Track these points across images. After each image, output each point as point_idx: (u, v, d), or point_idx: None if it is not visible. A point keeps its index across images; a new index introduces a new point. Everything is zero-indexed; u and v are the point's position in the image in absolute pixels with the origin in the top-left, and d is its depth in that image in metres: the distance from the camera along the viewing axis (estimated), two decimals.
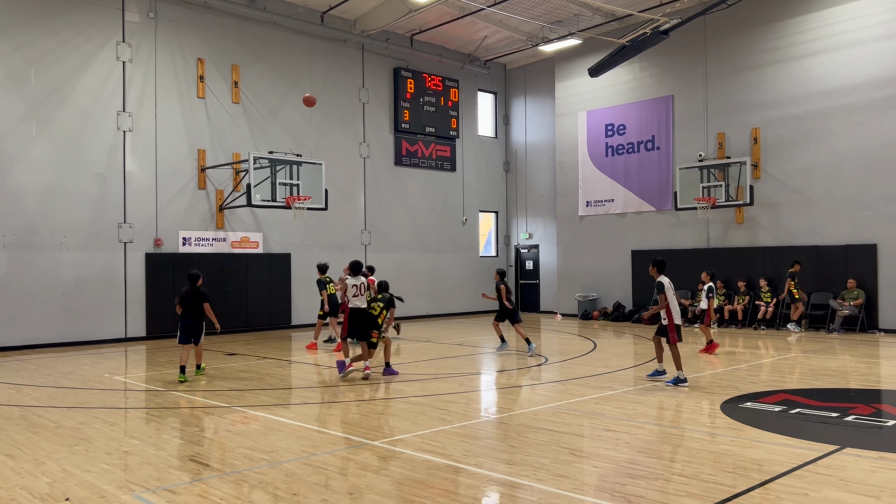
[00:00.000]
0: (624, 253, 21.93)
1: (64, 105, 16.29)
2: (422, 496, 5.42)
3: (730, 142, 19.52)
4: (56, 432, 7.72)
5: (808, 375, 10.93)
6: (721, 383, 10.21)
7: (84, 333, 16.40)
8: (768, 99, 18.78)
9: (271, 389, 10.30)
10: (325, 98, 20.91)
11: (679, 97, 20.69)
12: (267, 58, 19.69)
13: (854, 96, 17.30)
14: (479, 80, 25.38)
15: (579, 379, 10.79)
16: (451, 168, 24.28)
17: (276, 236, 19.78)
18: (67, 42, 16.38)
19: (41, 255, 15.90)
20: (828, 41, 17.76)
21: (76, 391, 10.32)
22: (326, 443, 7.12)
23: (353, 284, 11.14)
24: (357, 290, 11.10)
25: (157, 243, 17.54)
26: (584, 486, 5.73)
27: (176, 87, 18.03)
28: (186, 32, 18.22)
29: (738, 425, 7.63)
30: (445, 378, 11.12)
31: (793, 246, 18.26)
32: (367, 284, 11.29)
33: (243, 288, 18.93)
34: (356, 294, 11.08)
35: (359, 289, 11.10)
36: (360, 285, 11.14)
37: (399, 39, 22.61)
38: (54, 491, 5.69)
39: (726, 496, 5.30)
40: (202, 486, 5.79)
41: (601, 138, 22.56)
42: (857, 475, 5.82)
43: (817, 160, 17.91)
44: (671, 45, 19.11)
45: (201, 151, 18.37)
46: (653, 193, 21.28)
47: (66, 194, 16.27)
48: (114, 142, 16.99)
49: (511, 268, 26.09)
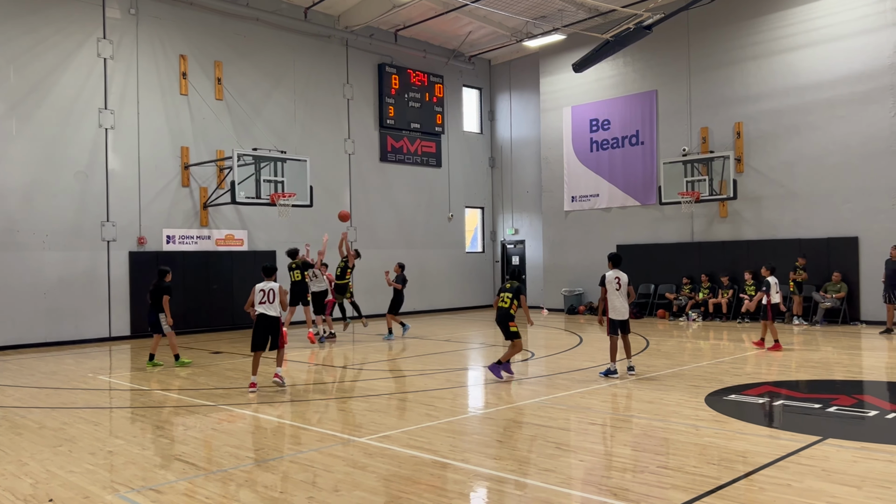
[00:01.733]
0: (609, 247, 21.95)
1: (44, 102, 16.11)
2: (408, 492, 5.43)
3: (713, 136, 19.64)
4: (39, 433, 7.65)
5: (792, 367, 11.04)
6: (705, 376, 10.29)
7: (67, 333, 16.25)
8: (751, 93, 18.90)
9: (257, 387, 10.25)
10: (309, 94, 20.83)
11: (663, 92, 20.78)
12: (250, 54, 19.57)
13: (835, 90, 17.45)
14: (463, 75, 25.36)
15: (565, 373, 10.84)
16: (436, 164, 24.26)
17: (261, 234, 19.68)
18: (47, 39, 16.19)
19: (23, 255, 15.73)
20: (809, 36, 17.89)
21: (59, 391, 10.23)
22: (313, 440, 7.11)
23: (261, 290, 9.91)
24: (265, 295, 9.90)
25: (141, 241, 17.41)
26: (570, 480, 5.75)
27: (158, 83, 17.88)
28: (168, 29, 18.07)
29: (722, 417, 7.69)
30: (432, 374, 11.13)
31: (776, 239, 18.41)
32: (276, 291, 9.85)
33: (228, 286, 18.83)
34: (262, 301, 9.88)
35: (266, 295, 9.89)
36: (269, 291, 9.90)
37: (383, 35, 22.54)
38: (38, 492, 5.64)
39: (711, 488, 5.35)
40: (188, 485, 5.76)
41: (586, 133, 22.62)
42: (839, 465, 5.89)
43: (799, 154, 18.06)
44: (654, 40, 19.18)
45: (184, 149, 18.23)
46: (637, 188, 21.37)
47: (48, 193, 16.11)
48: (96, 139, 16.83)
49: (497, 263, 26.13)
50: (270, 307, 9.90)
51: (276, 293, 9.89)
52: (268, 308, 9.90)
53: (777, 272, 18.19)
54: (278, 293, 9.89)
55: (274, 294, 9.89)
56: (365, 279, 21.36)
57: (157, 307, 12.33)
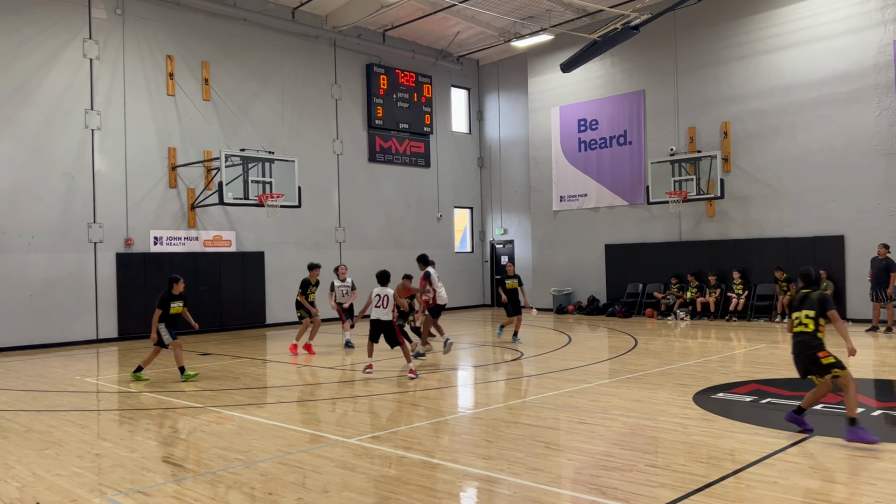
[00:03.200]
0: (597, 247, 22.10)
1: (29, 103, 15.99)
2: (398, 492, 5.43)
3: (700, 136, 19.75)
4: (25, 436, 7.59)
5: (779, 366, 11.11)
6: (693, 374, 10.35)
7: (54, 335, 16.13)
8: (737, 93, 19.02)
9: (246, 389, 10.23)
10: (297, 95, 20.78)
11: (650, 92, 20.87)
12: (237, 54, 19.50)
13: (820, 90, 17.59)
14: (452, 75, 25.37)
15: (554, 373, 10.87)
16: (425, 164, 24.26)
17: (250, 235, 19.61)
18: (31, 39, 16.06)
19: (8, 257, 15.60)
20: (794, 36, 18.03)
21: (46, 394, 10.16)
22: (302, 441, 7.10)
23: (377, 295, 10.76)
24: (380, 300, 10.73)
25: (128, 243, 17.31)
26: (559, 479, 5.77)
27: (145, 84, 17.78)
28: (155, 29, 17.97)
29: (710, 416, 7.74)
30: (421, 374, 11.12)
31: (762, 238, 18.54)
32: (390, 297, 10.72)
33: (216, 287, 18.75)
34: (378, 305, 10.76)
35: (382, 300, 10.71)
36: (385, 297, 10.69)
37: (371, 35, 22.51)
38: (24, 495, 5.60)
39: (699, 486, 5.38)
40: (177, 487, 5.74)
41: (574, 133, 22.69)
42: (826, 463, 5.94)
43: (785, 153, 18.19)
44: (642, 40, 19.26)
45: (172, 149, 18.14)
46: (625, 188, 21.46)
47: (33, 194, 15.98)
48: (82, 140, 16.72)
49: (486, 263, 26.15)
50: (384, 311, 10.74)
51: (389, 298, 10.77)
52: (380, 313, 10.75)
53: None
54: (392, 298, 10.80)
55: (388, 300, 10.77)
56: (355, 281, 21.30)
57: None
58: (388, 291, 10.86)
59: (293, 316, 19.43)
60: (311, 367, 12.42)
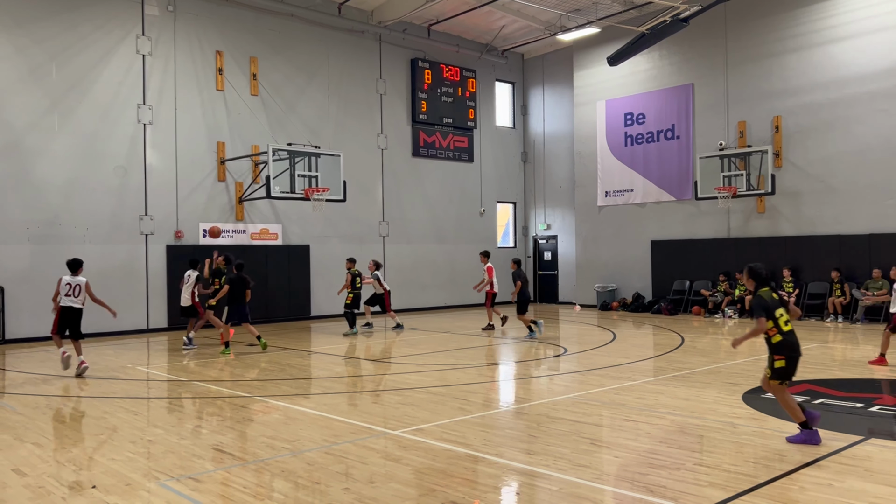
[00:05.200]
0: (643, 243, 21.79)
1: (85, 99, 16.44)
2: (442, 485, 5.44)
3: (751, 130, 19.30)
4: (81, 421, 7.83)
5: (831, 366, 10.82)
6: (743, 373, 10.14)
7: (107, 325, 16.50)
8: (790, 86, 18.53)
9: (292, 379, 10.38)
10: (343, 89, 20.94)
11: (699, 85, 20.47)
12: (285, 50, 19.74)
13: (878, 83, 17.02)
14: (496, 70, 25.27)
15: (599, 369, 10.76)
16: (468, 159, 24.23)
17: (295, 228, 19.87)
18: (87, 36, 16.51)
19: (64, 248, 16.06)
20: (851, 27, 17.47)
21: (100, 381, 10.46)
22: (347, 432, 7.17)
23: (67, 283, 10.89)
24: (70, 289, 10.87)
25: (178, 235, 17.69)
26: (604, 476, 5.72)
27: (195, 79, 18.13)
28: (205, 25, 18.30)
29: (760, 415, 7.57)
30: (464, 368, 11.14)
31: (815, 235, 18.05)
32: (82, 286, 10.94)
33: (263, 280, 19.02)
34: (68, 293, 10.85)
35: (72, 288, 10.88)
36: (77, 286, 10.91)
37: (416, 30, 22.55)
38: (81, 479, 5.77)
39: (749, 486, 5.27)
40: (225, 474, 5.85)
41: (620, 127, 22.40)
42: (882, 465, 5.76)
43: (840, 148, 17.67)
44: (691, 32, 18.90)
45: (220, 144, 18.47)
46: (672, 183, 21.11)
47: (88, 187, 16.45)
48: (134, 135, 17.13)
49: (529, 259, 26.02)
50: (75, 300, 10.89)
51: (81, 287, 10.88)
52: (72, 301, 10.85)
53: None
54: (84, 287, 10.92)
55: (80, 288, 10.86)
56: (398, 275, 21.48)
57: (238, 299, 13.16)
58: (80, 280, 10.95)
59: (337, 309, 19.70)
60: (354, 359, 12.53)
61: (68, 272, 11.06)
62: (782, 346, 6.62)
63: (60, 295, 10.85)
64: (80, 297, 10.91)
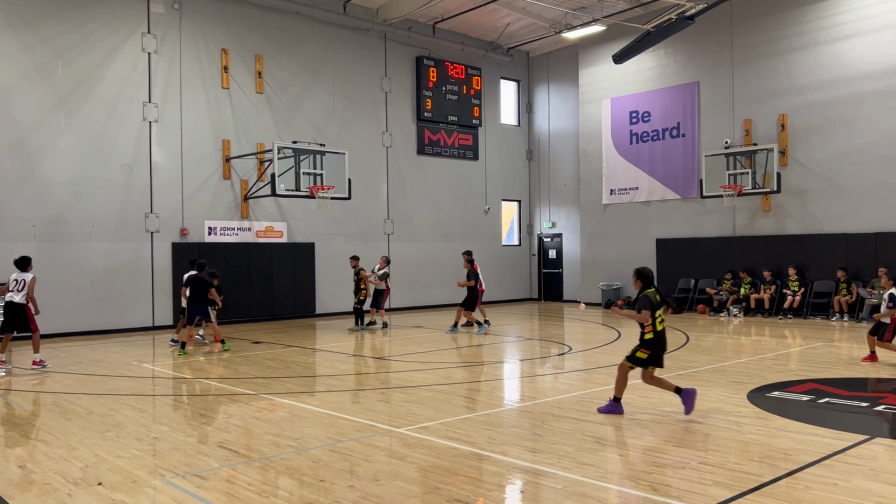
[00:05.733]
0: (648, 241, 21.76)
1: (91, 96, 16.48)
2: (447, 483, 5.45)
3: (756, 128, 19.25)
4: (87, 418, 7.86)
5: (837, 365, 10.79)
6: (748, 372, 10.12)
7: (113, 322, 16.65)
8: (796, 85, 18.47)
9: (297, 377, 10.40)
10: (348, 87, 20.96)
11: (705, 83, 20.42)
12: (290, 48, 19.75)
13: (884, 81, 16.95)
14: (501, 67, 25.24)
15: (603, 368, 10.75)
16: (473, 157, 24.22)
17: (301, 226, 19.89)
18: (93, 34, 16.55)
19: (70, 245, 16.15)
20: (857, 25, 17.40)
21: (106, 378, 10.50)
22: (352, 430, 7.18)
23: (14, 279, 11.15)
24: (16, 284, 11.13)
25: (184, 233, 17.74)
26: (609, 475, 5.72)
27: (200, 77, 18.16)
28: (210, 23, 18.33)
29: (765, 414, 7.56)
30: (469, 366, 11.14)
31: (820, 234, 17.99)
32: (25, 282, 11.13)
33: (268, 277, 19.09)
34: (13, 289, 11.12)
35: (17, 283, 11.13)
36: (22, 281, 11.13)
37: (421, 28, 22.54)
38: (87, 475, 5.80)
39: (754, 485, 5.27)
40: (230, 471, 5.87)
41: (625, 126, 22.36)
42: (888, 465, 5.74)
43: (846, 146, 17.60)
44: (696, 30, 18.84)
45: (226, 141, 18.50)
46: (678, 181, 21.06)
47: (94, 185, 16.49)
48: (140, 132, 17.17)
49: (534, 256, 26.01)
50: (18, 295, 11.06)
51: (26, 283, 11.04)
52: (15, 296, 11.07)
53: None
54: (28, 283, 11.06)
55: (25, 284, 11.02)
56: (403, 273, 21.49)
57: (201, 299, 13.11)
58: (25, 276, 11.18)
59: (342, 306, 19.75)
60: (359, 357, 12.55)
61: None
62: (652, 343, 7.61)
63: (8, 292, 11.24)
64: (22, 293, 11.16)
